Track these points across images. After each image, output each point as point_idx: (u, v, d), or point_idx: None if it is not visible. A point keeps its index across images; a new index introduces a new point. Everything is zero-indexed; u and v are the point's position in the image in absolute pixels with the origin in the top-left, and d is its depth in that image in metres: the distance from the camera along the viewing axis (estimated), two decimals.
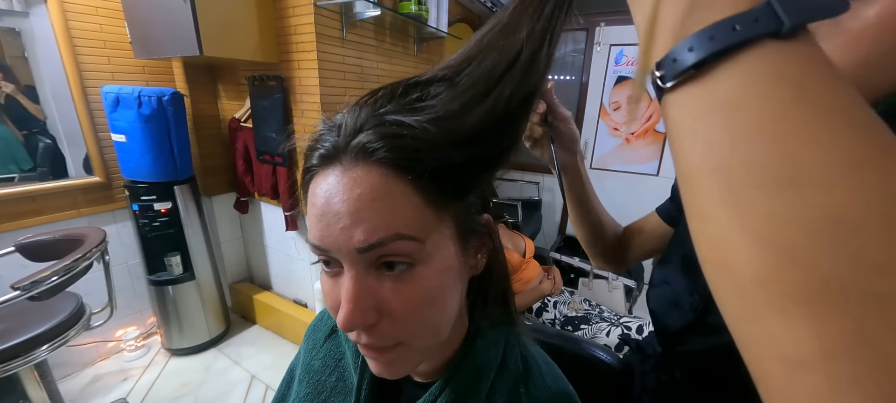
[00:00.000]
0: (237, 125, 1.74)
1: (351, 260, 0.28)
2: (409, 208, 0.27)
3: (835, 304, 0.13)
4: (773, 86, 0.14)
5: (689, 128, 0.16)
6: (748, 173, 0.14)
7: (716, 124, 0.15)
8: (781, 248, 0.14)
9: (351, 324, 0.28)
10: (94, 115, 1.56)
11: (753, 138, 0.14)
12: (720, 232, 0.15)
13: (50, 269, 1.00)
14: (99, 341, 1.72)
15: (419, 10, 1.63)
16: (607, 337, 1.25)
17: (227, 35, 1.34)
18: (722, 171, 0.15)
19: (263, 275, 2.10)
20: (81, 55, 1.49)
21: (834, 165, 0.13)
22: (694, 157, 0.16)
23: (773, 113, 0.14)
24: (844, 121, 0.13)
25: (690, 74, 0.16)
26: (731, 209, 0.15)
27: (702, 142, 0.16)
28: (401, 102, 0.29)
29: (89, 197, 1.60)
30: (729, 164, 0.15)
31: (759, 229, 0.14)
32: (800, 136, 0.14)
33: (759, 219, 0.14)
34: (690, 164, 0.16)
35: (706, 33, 0.15)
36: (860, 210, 0.13)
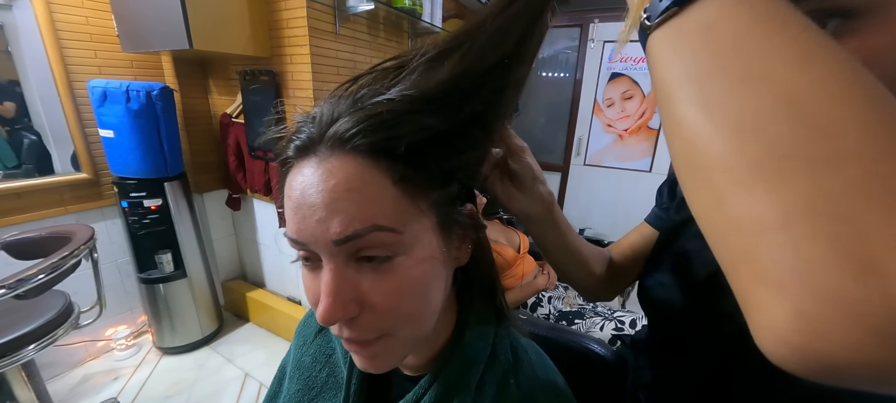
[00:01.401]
0: (229, 121, 1.71)
1: (329, 252, 0.28)
2: (386, 199, 0.27)
3: (791, 170, 0.15)
4: (737, 10, 0.18)
5: (668, 54, 0.20)
6: (718, 76, 0.17)
7: (691, 44, 0.19)
8: (744, 129, 0.16)
9: (331, 318, 0.27)
10: (81, 110, 1.52)
11: (723, 49, 0.18)
12: (693, 129, 0.18)
13: (36, 267, 0.98)
14: (88, 340, 1.69)
15: (413, 5, 1.62)
16: (601, 332, 1.26)
17: (217, 28, 1.31)
18: (696, 80, 0.18)
19: (256, 273, 2.08)
20: (67, 49, 1.46)
21: (788, 59, 0.16)
22: (672, 74, 0.19)
23: (738, 28, 0.17)
24: (795, 30, 0.17)
25: (671, 12, 0.20)
26: (702, 108, 0.18)
27: (679, 60, 0.19)
28: (375, 87, 0.29)
29: (77, 193, 1.57)
30: (702, 73, 0.18)
31: (726, 118, 0.17)
32: (761, 43, 0.17)
33: (726, 111, 0.17)
34: (669, 81, 0.19)
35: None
36: (811, 88, 0.15)
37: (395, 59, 0.31)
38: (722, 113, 0.17)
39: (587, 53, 2.59)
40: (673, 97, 0.19)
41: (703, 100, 0.18)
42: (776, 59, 0.16)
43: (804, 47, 0.16)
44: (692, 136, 0.18)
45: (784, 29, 0.17)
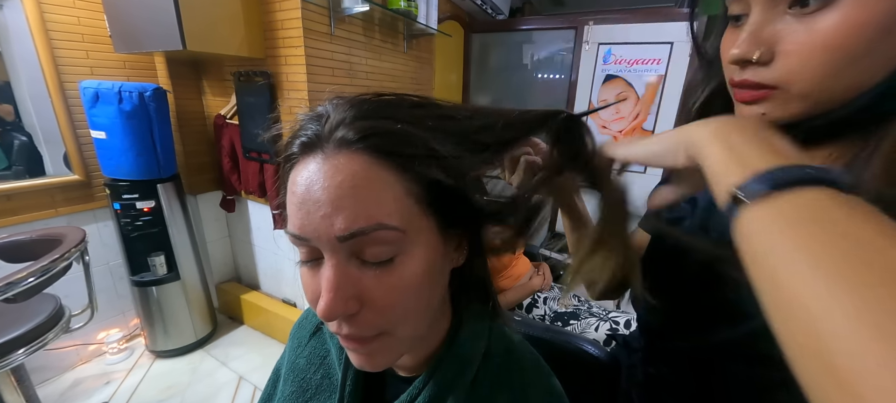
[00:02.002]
0: (223, 122, 1.70)
1: (331, 248, 0.28)
2: (390, 197, 0.27)
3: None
4: (837, 209, 0.19)
5: (762, 234, 0.21)
6: (848, 264, 0.17)
7: (805, 228, 0.20)
8: (880, 326, 0.15)
9: (332, 313, 0.27)
10: (73, 112, 1.51)
11: (842, 238, 0.18)
12: (827, 322, 0.17)
13: (26, 270, 0.96)
14: (79, 344, 1.67)
15: (409, 7, 1.62)
16: (596, 333, 1.27)
17: (211, 29, 1.31)
18: (818, 263, 0.18)
19: (251, 275, 2.07)
20: (58, 49, 1.44)
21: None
22: (780, 254, 0.20)
23: (849, 218, 0.19)
24: (889, 230, 0.18)
25: (768, 194, 0.21)
26: (835, 298, 0.17)
27: (788, 241, 0.20)
28: (393, 104, 0.30)
29: (68, 195, 1.55)
30: (824, 256, 0.18)
31: (871, 314, 0.16)
32: (874, 238, 0.18)
33: (868, 305, 0.16)
34: (776, 262, 0.20)
35: (780, 172, 0.21)
36: None
37: (410, 95, 0.33)
38: (866, 309, 0.16)
39: (582, 55, 2.60)
40: (785, 280, 0.19)
41: (835, 290, 0.17)
42: (879, 245, 0.17)
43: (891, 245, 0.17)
44: (828, 333, 0.17)
45: (884, 222, 0.18)
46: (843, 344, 0.16)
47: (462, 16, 2.41)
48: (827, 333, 0.17)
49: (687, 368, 0.50)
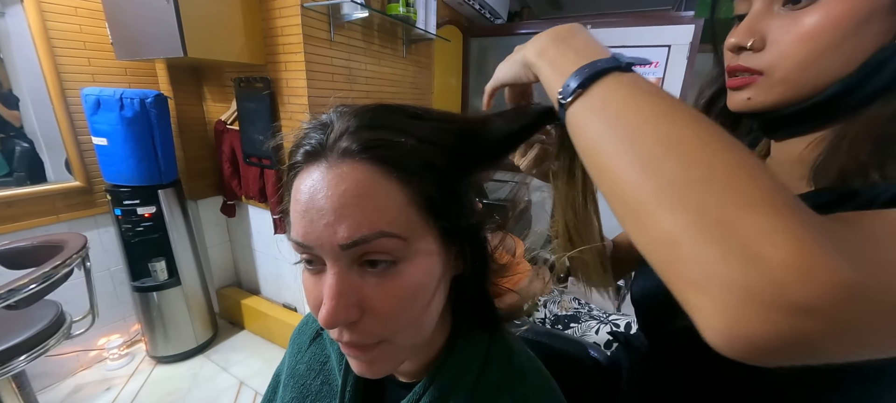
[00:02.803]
0: (223, 127, 1.71)
1: (334, 256, 0.28)
2: (393, 206, 0.28)
3: (680, 194, 0.20)
4: (618, 85, 0.26)
5: (582, 122, 0.27)
6: (618, 133, 0.24)
7: (598, 113, 0.26)
8: (645, 168, 0.22)
9: (333, 321, 0.28)
10: (74, 118, 1.52)
11: (619, 113, 0.24)
12: (614, 175, 0.24)
13: (28, 277, 0.97)
14: (80, 350, 1.67)
15: (407, 12, 1.63)
16: (596, 335, 1.27)
17: (212, 36, 1.32)
18: (604, 138, 0.25)
19: (251, 279, 2.07)
20: (60, 57, 1.46)
21: (658, 114, 0.23)
22: (589, 137, 0.26)
23: (622, 98, 0.25)
24: (658, 95, 0.24)
25: (577, 93, 0.27)
26: (613, 156, 0.24)
27: (591, 127, 0.26)
28: (396, 116, 0.31)
29: (69, 202, 1.56)
30: (606, 133, 0.25)
31: (632, 162, 0.22)
32: (640, 106, 0.24)
33: (631, 157, 0.23)
34: (588, 143, 0.26)
35: (585, 69, 0.27)
36: (677, 133, 0.22)
37: (412, 107, 0.34)
38: (628, 159, 0.23)
39: None
40: (594, 153, 0.25)
41: (613, 150, 0.24)
42: (654, 113, 0.23)
43: (664, 105, 0.23)
44: (615, 180, 0.24)
45: (650, 92, 0.24)
46: (633, 188, 0.22)
47: (460, 21, 2.42)
48: (623, 183, 0.23)
49: (679, 356, 0.51)
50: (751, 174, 0.19)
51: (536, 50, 0.33)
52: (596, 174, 0.26)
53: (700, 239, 0.18)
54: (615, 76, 0.26)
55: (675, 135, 0.22)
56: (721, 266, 0.17)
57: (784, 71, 0.34)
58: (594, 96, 0.26)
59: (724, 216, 0.18)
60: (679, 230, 0.19)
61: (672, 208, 0.20)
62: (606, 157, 0.24)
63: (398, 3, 1.60)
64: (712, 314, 0.18)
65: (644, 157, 0.22)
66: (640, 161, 0.22)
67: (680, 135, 0.21)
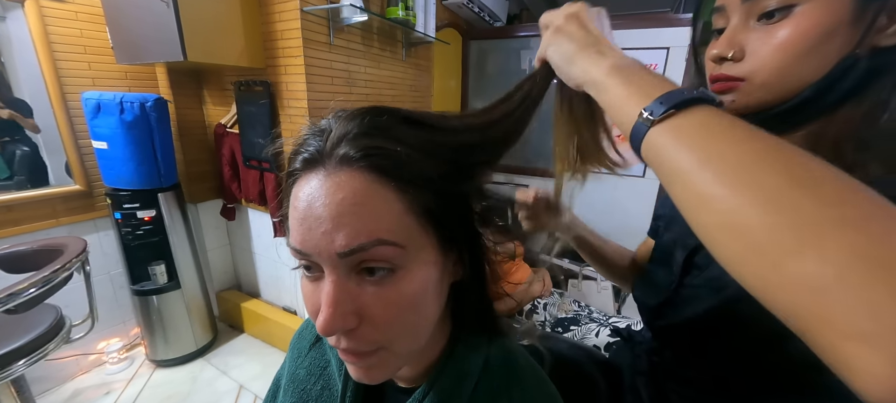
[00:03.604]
0: (223, 131, 1.71)
1: (332, 264, 0.28)
2: (391, 214, 0.28)
3: (824, 231, 0.18)
4: (718, 114, 0.26)
5: (672, 142, 0.26)
6: (732, 158, 0.23)
7: (697, 136, 0.25)
8: (776, 203, 0.20)
9: (330, 329, 0.28)
10: (75, 122, 1.52)
11: (722, 139, 0.24)
12: (726, 204, 0.22)
13: (27, 281, 0.97)
14: (80, 354, 1.67)
15: (407, 16, 1.64)
16: (596, 338, 1.26)
17: (211, 40, 1.32)
18: (709, 162, 0.24)
19: (251, 283, 2.07)
20: (61, 61, 1.46)
21: (771, 147, 0.22)
22: (682, 159, 0.25)
23: (725, 127, 0.25)
24: (762, 132, 0.24)
25: (670, 113, 0.27)
26: (729, 185, 0.22)
27: (685, 148, 0.25)
28: (394, 123, 0.30)
29: (69, 205, 1.56)
30: (712, 156, 0.24)
31: (755, 194, 0.21)
32: (748, 138, 0.24)
33: (752, 186, 0.21)
34: (681, 165, 0.25)
35: (676, 94, 0.28)
36: (799, 170, 0.21)
37: (411, 112, 0.33)
38: (751, 190, 0.21)
39: None
40: (693, 179, 0.24)
41: (727, 178, 0.22)
42: (766, 149, 0.22)
43: (772, 139, 0.23)
44: (728, 210, 0.22)
45: (752, 128, 0.24)
46: (759, 223, 0.21)
47: (460, 23, 2.43)
48: (722, 208, 0.22)
49: (683, 348, 0.53)
50: (889, 211, 0.18)
51: (607, 68, 0.33)
52: (690, 200, 0.25)
53: (859, 284, 0.16)
54: (709, 107, 0.26)
55: (799, 171, 0.20)
56: (891, 311, 0.16)
57: (763, 77, 0.38)
58: (691, 119, 0.26)
59: (885, 257, 0.16)
60: (831, 275, 0.17)
61: (818, 248, 0.18)
62: (713, 185, 0.22)
63: (397, 7, 1.61)
64: (884, 367, 0.16)
65: (774, 192, 0.20)
66: (769, 196, 0.20)
67: (805, 172, 0.20)
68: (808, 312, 0.18)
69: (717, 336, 0.46)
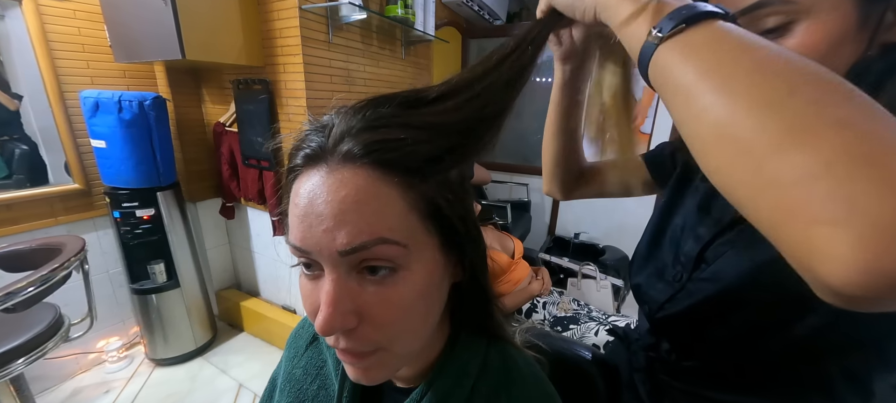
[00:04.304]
0: (222, 129, 1.71)
1: (332, 262, 0.28)
2: (394, 212, 0.27)
3: (818, 132, 0.19)
4: (729, 29, 0.25)
5: (682, 60, 0.25)
6: (731, 69, 0.22)
7: (704, 51, 0.24)
8: (767, 105, 0.20)
9: (330, 328, 0.27)
10: (73, 121, 1.52)
11: (731, 51, 0.23)
12: (722, 113, 0.22)
13: (26, 280, 0.97)
14: (79, 352, 1.67)
15: (406, 14, 1.63)
16: (596, 337, 1.26)
17: (210, 38, 1.32)
18: (714, 74, 0.23)
19: (251, 281, 2.07)
20: (59, 59, 1.46)
21: (775, 56, 0.22)
22: (689, 73, 0.24)
23: (736, 39, 0.24)
24: (766, 43, 0.23)
25: (680, 29, 0.26)
26: (727, 94, 0.22)
27: (692, 63, 0.24)
28: (396, 110, 0.29)
29: (68, 204, 1.55)
30: (719, 68, 0.23)
31: (752, 100, 0.21)
32: (755, 48, 0.23)
33: (750, 94, 0.21)
34: (687, 80, 0.24)
35: (685, 9, 0.26)
36: (800, 77, 0.21)
37: (410, 94, 0.31)
38: (745, 95, 0.21)
39: None
40: (693, 91, 0.24)
41: (725, 87, 0.22)
42: (771, 55, 0.22)
43: (781, 51, 0.22)
44: (723, 118, 0.22)
45: (761, 40, 0.23)
46: (752, 128, 0.21)
47: (459, 22, 2.43)
48: (736, 123, 0.21)
49: (682, 339, 0.53)
50: (887, 116, 0.19)
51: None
52: (690, 114, 0.24)
53: (846, 175, 0.18)
54: (721, 23, 0.25)
55: (800, 77, 0.21)
56: (868, 201, 0.17)
57: None
58: (700, 34, 0.25)
59: (873, 153, 0.17)
60: (817, 164, 0.18)
61: (809, 144, 0.19)
62: (711, 94, 0.23)
63: (397, 5, 1.60)
64: (851, 248, 0.17)
65: (770, 96, 0.21)
66: (764, 99, 0.21)
67: (805, 78, 0.20)
68: (784, 204, 0.19)
69: (715, 322, 0.47)
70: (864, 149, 0.18)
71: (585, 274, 1.72)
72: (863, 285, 0.17)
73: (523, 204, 2.74)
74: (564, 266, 1.90)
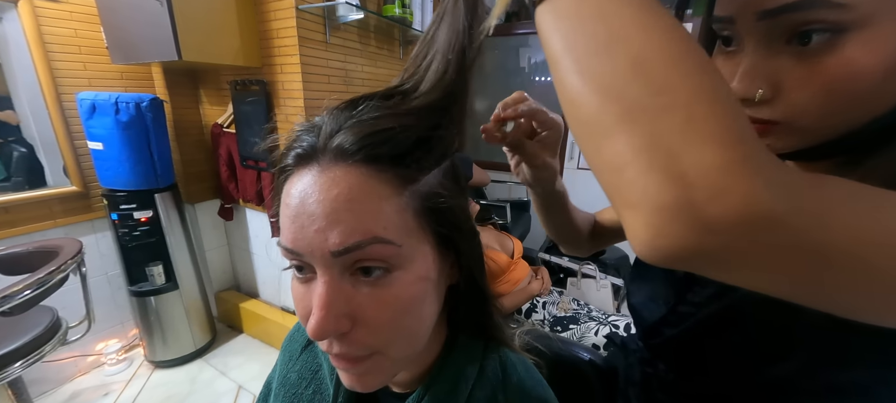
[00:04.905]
0: (220, 130, 1.71)
1: (325, 264, 0.27)
2: (387, 211, 0.27)
3: (638, 120, 0.20)
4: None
5: (551, 26, 0.24)
6: (585, 45, 0.22)
7: (566, 19, 0.23)
8: (606, 90, 0.21)
9: (322, 332, 0.26)
10: (70, 123, 1.51)
11: (588, 22, 0.22)
12: (573, 93, 0.22)
13: (22, 283, 0.96)
14: (78, 355, 1.67)
15: (403, 13, 1.63)
16: (596, 337, 1.26)
17: (207, 39, 1.31)
18: (571, 50, 0.22)
19: (250, 283, 2.07)
20: (55, 61, 1.45)
21: (631, 27, 0.21)
22: (555, 45, 0.23)
23: (597, 4, 0.22)
24: (637, 3, 0.22)
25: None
26: (578, 74, 0.22)
27: (558, 33, 0.23)
28: (382, 104, 0.30)
29: (66, 206, 1.55)
30: (575, 43, 0.22)
31: (594, 82, 0.21)
32: (616, 13, 0.21)
33: (593, 76, 0.21)
34: (554, 51, 0.23)
35: None
36: (653, 51, 0.20)
37: (392, 89, 0.33)
38: (591, 77, 0.21)
39: None
40: (557, 66, 0.23)
41: (578, 67, 0.22)
42: (628, 27, 0.21)
43: (647, 15, 0.21)
44: (574, 99, 0.22)
45: (629, 4, 0.22)
46: (595, 111, 0.21)
47: None
48: (583, 104, 0.22)
49: (679, 361, 0.51)
50: (713, 103, 0.19)
51: None
52: (557, 88, 0.24)
53: (646, 167, 0.19)
54: None
55: (648, 54, 0.20)
56: (657, 192, 0.19)
57: (806, 122, 0.29)
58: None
59: (673, 146, 0.19)
60: (630, 156, 0.20)
61: (629, 134, 0.20)
62: (570, 73, 0.22)
63: (394, 5, 1.60)
64: (641, 229, 0.20)
65: (610, 80, 0.21)
66: (605, 83, 0.21)
67: (652, 55, 0.20)
68: (610, 188, 0.21)
69: (710, 346, 0.44)
70: (669, 140, 0.19)
71: (585, 274, 1.71)
72: (654, 259, 0.20)
73: (523, 204, 2.73)
74: (564, 265, 1.89)
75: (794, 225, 0.18)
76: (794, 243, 0.19)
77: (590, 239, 0.67)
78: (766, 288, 0.21)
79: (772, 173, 0.19)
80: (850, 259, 0.19)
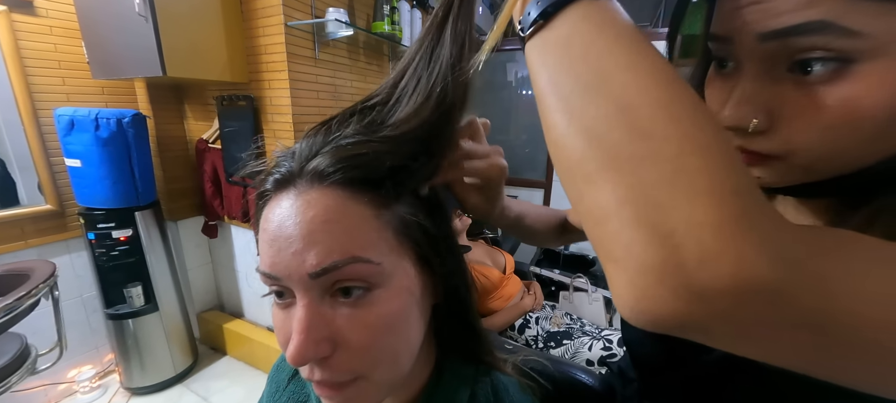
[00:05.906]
0: (205, 146, 1.67)
1: (304, 287, 0.26)
2: (365, 230, 0.27)
3: (622, 168, 0.18)
4: (585, 26, 0.21)
5: (538, 63, 0.23)
6: (571, 84, 0.21)
7: (553, 57, 0.22)
8: (590, 133, 0.19)
9: (302, 358, 0.26)
10: (47, 139, 1.46)
11: (575, 61, 0.21)
12: (558, 134, 0.21)
13: None
14: (48, 383, 1.57)
15: (393, 30, 1.64)
16: (589, 352, 1.25)
17: (192, 55, 1.29)
18: (557, 89, 0.21)
19: (234, 302, 2.00)
20: (33, 76, 1.41)
21: (619, 67, 0.20)
22: (541, 83, 0.22)
23: (585, 42, 0.21)
24: (627, 44, 0.20)
25: (539, 25, 0.23)
26: (563, 114, 0.21)
27: (545, 70, 0.22)
28: (357, 126, 0.29)
29: (39, 226, 1.48)
30: (559, 82, 0.21)
31: (579, 125, 0.20)
32: (601, 55, 0.20)
33: (578, 118, 0.20)
34: (540, 89, 0.22)
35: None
36: (639, 95, 0.19)
37: (365, 102, 0.32)
38: (576, 118, 0.20)
39: None
40: (543, 104, 0.22)
41: (563, 106, 0.21)
42: (616, 67, 0.20)
43: (636, 55, 0.20)
44: (557, 139, 0.21)
45: (618, 39, 0.20)
46: (577, 155, 0.20)
47: None
48: (566, 147, 0.21)
49: (678, 397, 0.49)
50: (706, 154, 0.17)
51: None
52: (543, 125, 0.22)
53: (630, 220, 0.18)
54: (583, 5, 0.21)
55: (634, 97, 0.19)
56: (641, 247, 0.17)
57: (806, 159, 0.26)
58: (557, 31, 0.22)
59: (660, 198, 0.17)
60: (614, 207, 0.18)
61: (613, 182, 0.18)
62: (554, 112, 0.21)
63: (383, 22, 1.61)
64: (624, 288, 0.18)
65: (595, 123, 0.19)
66: (589, 126, 0.19)
67: (639, 99, 0.19)
68: (593, 238, 0.20)
69: (722, 398, 0.40)
70: (656, 194, 0.17)
71: (577, 288, 1.71)
72: (637, 322, 0.19)
73: None
74: (556, 278, 1.89)
75: (793, 295, 0.16)
76: (793, 316, 0.17)
77: (557, 237, 0.66)
78: (764, 358, 0.19)
79: (770, 233, 0.17)
80: (860, 340, 0.17)
